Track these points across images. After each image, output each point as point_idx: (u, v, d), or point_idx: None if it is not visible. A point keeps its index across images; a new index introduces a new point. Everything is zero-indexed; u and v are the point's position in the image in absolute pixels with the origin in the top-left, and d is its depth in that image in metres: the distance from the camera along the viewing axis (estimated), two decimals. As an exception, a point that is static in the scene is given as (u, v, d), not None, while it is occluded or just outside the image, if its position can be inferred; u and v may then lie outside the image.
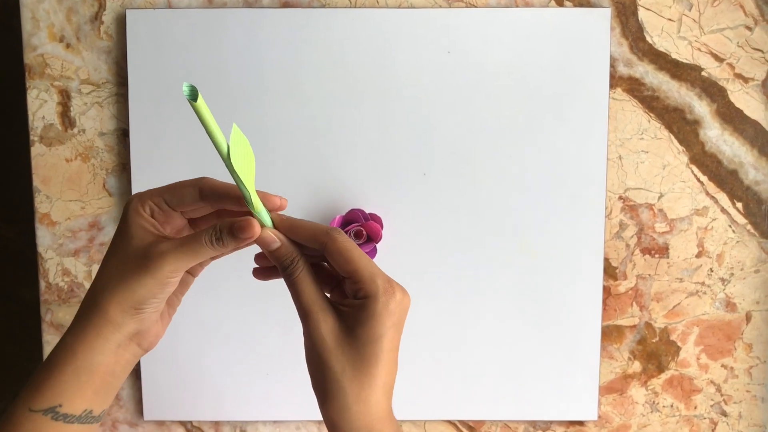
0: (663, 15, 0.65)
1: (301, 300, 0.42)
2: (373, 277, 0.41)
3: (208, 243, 0.42)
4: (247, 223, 0.41)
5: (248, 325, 0.67)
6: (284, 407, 0.68)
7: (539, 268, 0.66)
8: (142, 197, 0.43)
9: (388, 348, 0.41)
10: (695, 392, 0.69)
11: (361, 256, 0.42)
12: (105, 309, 0.42)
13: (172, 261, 0.41)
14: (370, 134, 0.65)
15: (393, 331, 0.41)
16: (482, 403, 0.68)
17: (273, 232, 0.42)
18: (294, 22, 0.64)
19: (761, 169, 0.66)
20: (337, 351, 0.41)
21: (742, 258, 0.67)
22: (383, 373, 0.41)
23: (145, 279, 0.42)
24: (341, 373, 0.41)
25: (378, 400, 0.42)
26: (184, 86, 0.37)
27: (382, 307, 0.41)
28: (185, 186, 0.43)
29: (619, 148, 0.66)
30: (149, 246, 0.42)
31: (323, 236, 0.42)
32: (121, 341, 0.43)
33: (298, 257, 0.43)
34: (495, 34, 0.64)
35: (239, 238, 0.41)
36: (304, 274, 0.42)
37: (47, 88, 0.65)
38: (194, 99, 0.36)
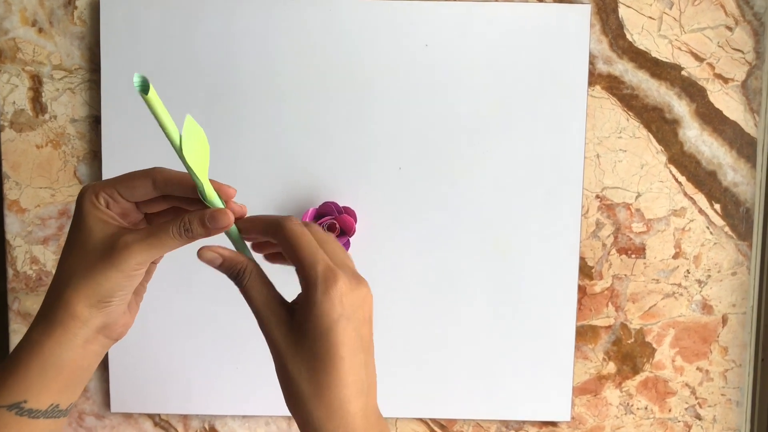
0: (643, 13, 0.64)
1: (253, 305, 0.41)
2: (313, 264, 0.39)
3: (176, 234, 0.41)
4: (220, 213, 0.41)
5: (218, 319, 0.66)
6: (254, 402, 0.67)
7: (514, 265, 0.65)
8: (95, 188, 0.42)
9: (340, 342, 0.38)
10: (670, 395, 0.68)
11: (308, 244, 0.40)
12: (70, 305, 0.41)
13: (138, 253, 0.41)
14: (345, 127, 0.64)
15: (344, 323, 0.38)
16: (454, 402, 0.67)
17: (213, 249, 0.42)
18: (271, 12, 0.63)
19: (740, 171, 0.65)
20: (291, 352, 0.39)
21: (720, 260, 0.66)
22: (344, 370, 0.39)
23: (111, 272, 0.41)
24: (298, 375, 0.39)
25: (341, 401, 0.39)
26: (135, 77, 0.36)
27: (321, 296, 0.38)
28: (137, 177, 0.42)
29: (597, 147, 0.65)
30: (112, 238, 0.41)
31: (275, 225, 0.41)
32: (89, 335, 0.42)
33: (243, 265, 0.42)
34: (473, 29, 0.64)
35: (210, 228, 0.41)
36: (253, 280, 0.41)
37: (18, 72, 0.64)
38: (145, 91, 0.35)
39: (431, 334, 0.66)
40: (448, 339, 0.66)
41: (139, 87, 0.35)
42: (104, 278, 0.41)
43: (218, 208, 0.41)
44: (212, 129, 0.64)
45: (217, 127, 0.64)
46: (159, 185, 0.42)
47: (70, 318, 0.41)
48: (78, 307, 0.41)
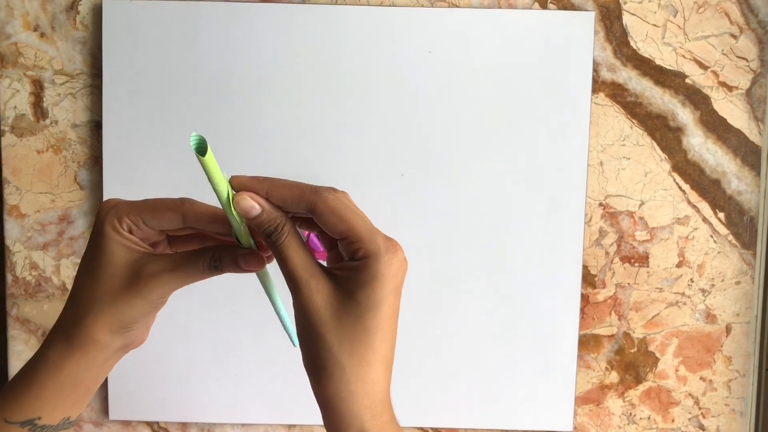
0: (648, 20, 0.64)
1: (290, 267, 0.37)
2: (373, 236, 0.37)
3: (205, 269, 0.40)
4: (253, 257, 0.39)
5: (218, 327, 0.65)
6: (253, 410, 0.66)
7: (517, 273, 0.65)
8: (119, 213, 0.40)
9: (389, 315, 0.37)
10: (673, 405, 0.67)
11: (356, 214, 0.37)
12: (92, 331, 0.40)
13: (166, 283, 0.40)
14: (347, 133, 0.64)
15: (394, 296, 0.37)
16: (456, 411, 0.67)
17: (252, 197, 0.38)
18: (274, 18, 0.63)
19: (744, 179, 0.65)
20: (334, 321, 0.37)
21: (723, 269, 0.66)
22: (384, 346, 0.37)
23: (135, 300, 0.40)
24: (338, 347, 0.37)
25: (378, 378, 0.37)
26: (192, 137, 0.35)
27: (385, 267, 0.36)
28: (166, 209, 0.40)
29: (601, 154, 0.65)
30: (136, 264, 0.40)
31: (311, 194, 0.37)
32: (109, 356, 0.42)
33: (283, 221, 0.38)
34: (477, 35, 0.63)
35: (242, 269, 0.39)
36: (291, 239, 0.38)
37: (20, 77, 0.64)
38: (203, 153, 0.35)
39: (433, 341, 0.66)
40: (449, 347, 0.66)
41: (195, 148, 0.35)
42: (128, 307, 0.40)
43: (254, 251, 0.40)
44: (212, 134, 0.63)
45: (217, 133, 0.64)
46: (189, 220, 0.40)
47: (92, 343, 0.40)
48: (100, 333, 0.40)
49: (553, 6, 0.64)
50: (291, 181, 0.38)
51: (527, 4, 0.64)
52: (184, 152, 0.63)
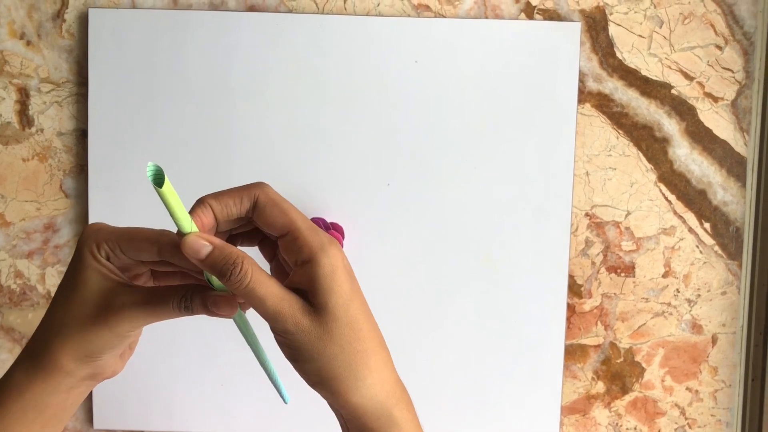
0: (633, 31, 0.64)
1: (268, 307, 0.36)
2: (315, 231, 0.37)
3: (175, 309, 0.39)
4: (224, 301, 0.38)
5: (203, 335, 0.65)
6: (239, 419, 0.66)
7: (503, 283, 0.65)
8: (98, 238, 0.39)
9: (360, 303, 0.38)
10: (659, 415, 0.67)
11: (295, 210, 0.37)
12: (57, 356, 0.39)
13: (133, 319, 0.39)
14: (334, 142, 0.64)
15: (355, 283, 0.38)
16: (442, 420, 0.66)
17: (197, 236, 0.36)
18: (260, 27, 0.63)
19: (730, 190, 0.65)
20: (327, 336, 0.36)
21: (709, 279, 0.66)
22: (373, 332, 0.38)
23: (103, 331, 0.39)
24: (341, 353, 0.37)
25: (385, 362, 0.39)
26: (149, 167, 0.33)
27: (335, 262, 0.36)
28: (144, 240, 0.39)
29: (587, 164, 0.65)
30: (107, 295, 0.39)
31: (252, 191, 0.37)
32: (74, 383, 0.40)
33: (240, 256, 0.36)
34: (463, 46, 0.63)
35: (212, 313, 0.38)
36: (258, 276, 0.36)
37: (5, 85, 0.64)
38: (159, 184, 0.33)
39: (419, 351, 0.66)
40: (435, 357, 0.66)
41: (152, 179, 0.33)
42: (95, 336, 0.39)
43: (225, 295, 0.38)
44: (200, 143, 0.63)
45: (205, 142, 0.64)
46: (164, 254, 0.39)
47: (56, 369, 0.39)
48: (64, 359, 0.39)
49: (539, 16, 0.64)
50: (227, 189, 0.38)
51: (513, 14, 0.64)
52: (169, 161, 0.63)
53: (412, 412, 0.40)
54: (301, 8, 0.64)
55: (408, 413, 0.40)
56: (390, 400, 0.39)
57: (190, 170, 0.64)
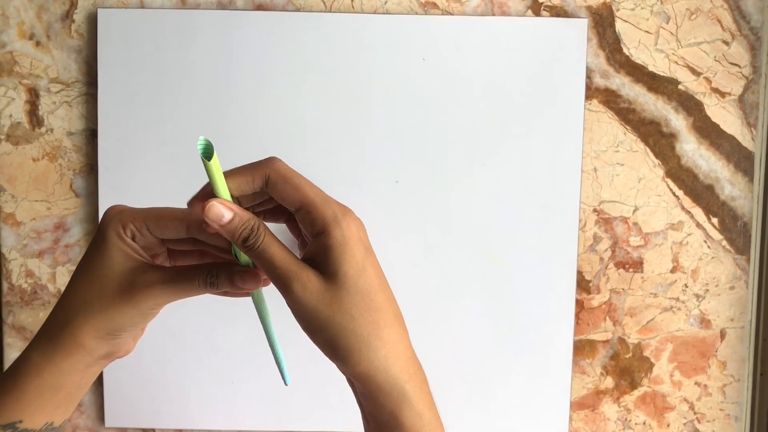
0: (640, 27, 0.64)
1: (276, 266, 0.37)
2: (327, 202, 0.37)
3: (201, 286, 0.40)
4: (250, 276, 0.39)
5: (213, 332, 0.65)
6: (249, 416, 0.66)
7: (511, 279, 0.65)
8: (124, 219, 0.40)
9: (375, 274, 0.38)
10: (668, 410, 0.67)
11: (308, 184, 0.38)
12: (78, 335, 0.40)
13: (159, 295, 0.40)
14: (342, 140, 0.64)
15: (369, 255, 0.38)
16: (451, 416, 0.67)
17: (222, 203, 0.37)
18: (267, 25, 0.63)
19: (737, 185, 0.65)
20: (336, 304, 0.37)
21: (717, 274, 0.66)
22: (387, 303, 0.38)
23: (127, 309, 0.40)
24: (352, 323, 0.37)
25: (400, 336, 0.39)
26: (200, 141, 0.35)
27: (347, 231, 0.37)
28: (172, 219, 0.40)
29: (594, 160, 0.65)
30: (132, 274, 0.40)
31: (263, 168, 0.38)
32: (92, 362, 0.41)
33: (256, 222, 0.37)
34: (471, 43, 0.64)
35: (237, 288, 0.39)
36: (269, 239, 0.37)
37: (15, 86, 0.64)
38: (208, 158, 0.35)
39: (427, 347, 0.66)
40: (444, 353, 0.66)
41: (202, 152, 0.35)
42: (119, 314, 0.40)
43: (250, 270, 0.40)
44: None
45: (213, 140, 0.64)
46: (192, 231, 0.40)
47: (76, 347, 0.40)
48: (85, 337, 0.40)
49: (546, 13, 0.64)
50: (239, 167, 0.39)
51: (520, 11, 0.64)
52: (179, 160, 0.64)
53: (426, 391, 0.40)
54: (309, 7, 0.64)
55: (421, 391, 0.39)
56: (403, 375, 0.38)
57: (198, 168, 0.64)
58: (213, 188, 0.37)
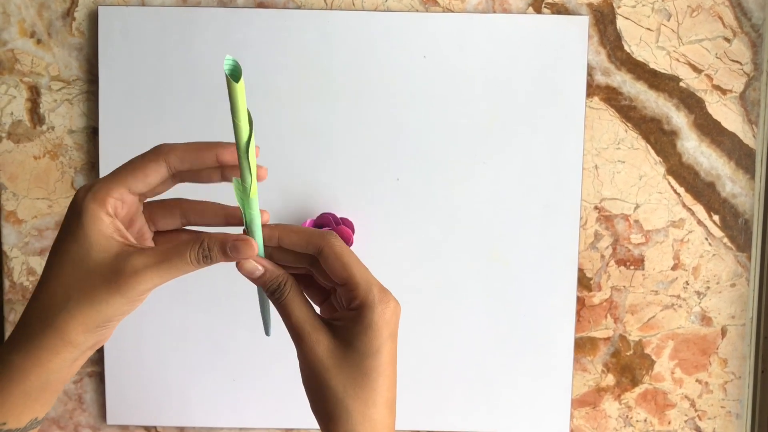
0: (641, 24, 0.64)
1: (292, 322, 0.40)
2: (369, 285, 0.39)
3: (193, 260, 0.38)
4: (244, 243, 0.38)
5: (215, 330, 0.65)
6: (251, 414, 0.67)
7: (512, 277, 0.65)
8: (99, 193, 0.37)
9: (387, 360, 0.40)
10: (669, 407, 0.68)
11: (356, 262, 0.40)
12: (64, 331, 0.37)
13: (149, 279, 0.37)
14: (343, 138, 0.64)
15: (391, 342, 0.40)
16: (452, 414, 0.67)
17: (256, 260, 0.39)
18: (268, 23, 0.63)
19: (738, 182, 0.65)
20: (336, 369, 0.39)
21: (719, 271, 0.66)
22: (385, 387, 0.40)
23: (114, 299, 0.37)
24: (343, 393, 0.39)
25: (382, 417, 0.40)
26: (227, 60, 0.34)
27: (378, 317, 0.39)
28: (146, 162, 0.38)
29: (595, 158, 0.65)
30: (117, 260, 0.37)
31: (319, 239, 0.39)
32: (78, 356, 0.39)
33: (285, 279, 0.40)
34: (472, 40, 0.64)
35: (233, 258, 0.38)
36: (293, 295, 0.40)
37: (16, 83, 0.64)
38: (236, 79, 0.34)
39: (429, 345, 0.66)
40: (445, 350, 0.66)
41: (229, 72, 0.34)
42: (106, 305, 0.37)
43: (242, 237, 0.38)
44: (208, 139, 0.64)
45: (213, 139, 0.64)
46: (173, 163, 0.38)
47: (63, 344, 0.38)
48: (73, 333, 0.37)
49: (547, 10, 0.64)
50: (300, 227, 0.41)
51: (521, 8, 0.64)
52: (180, 158, 0.64)
53: None
54: (310, 4, 0.64)
55: None
56: None
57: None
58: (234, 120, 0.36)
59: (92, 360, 0.67)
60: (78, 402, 0.67)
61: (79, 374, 0.67)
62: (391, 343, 0.40)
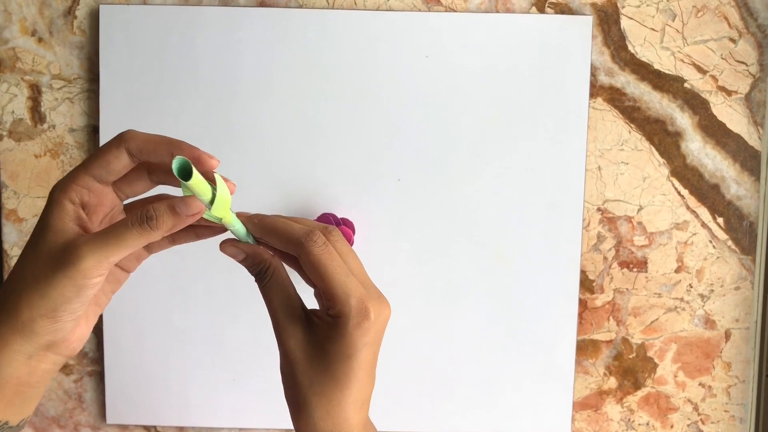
0: (646, 24, 0.64)
1: (271, 309, 0.41)
2: (346, 298, 0.38)
3: (135, 225, 0.35)
4: (190, 200, 0.36)
5: (215, 330, 0.65)
6: (250, 414, 0.66)
7: (514, 279, 0.65)
8: (65, 183, 0.37)
9: (360, 366, 0.39)
10: (672, 411, 0.67)
11: (336, 271, 0.39)
12: (12, 316, 0.36)
13: (90, 254, 0.35)
14: (344, 137, 0.64)
15: (367, 349, 0.40)
16: (453, 416, 0.66)
17: (234, 245, 0.40)
18: (270, 22, 0.63)
19: (743, 184, 0.65)
20: (305, 365, 0.40)
21: (722, 274, 0.66)
22: (355, 389, 0.40)
23: (59, 279, 0.35)
24: (308, 388, 0.40)
25: (347, 416, 0.40)
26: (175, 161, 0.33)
27: (353, 328, 0.38)
28: (108, 150, 0.37)
29: (599, 159, 0.65)
30: (67, 243, 0.36)
31: (296, 246, 0.39)
32: (33, 352, 0.38)
33: (267, 264, 0.40)
34: (474, 40, 0.63)
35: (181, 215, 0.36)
36: (273, 282, 0.40)
37: (17, 82, 0.64)
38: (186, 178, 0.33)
39: (430, 347, 0.66)
40: (447, 352, 0.65)
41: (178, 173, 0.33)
42: (51, 287, 0.36)
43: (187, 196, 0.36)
44: (210, 139, 0.64)
45: (214, 138, 0.64)
46: (134, 150, 0.37)
47: (13, 331, 0.37)
48: (23, 317, 0.36)
49: (550, 10, 0.63)
50: (282, 226, 0.40)
51: (524, 8, 0.63)
52: (181, 157, 0.63)
53: None
54: (311, 3, 0.64)
55: None
56: None
57: (201, 166, 0.64)
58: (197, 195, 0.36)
59: (92, 359, 0.67)
60: (78, 401, 0.67)
61: (78, 373, 0.67)
62: (367, 350, 0.39)
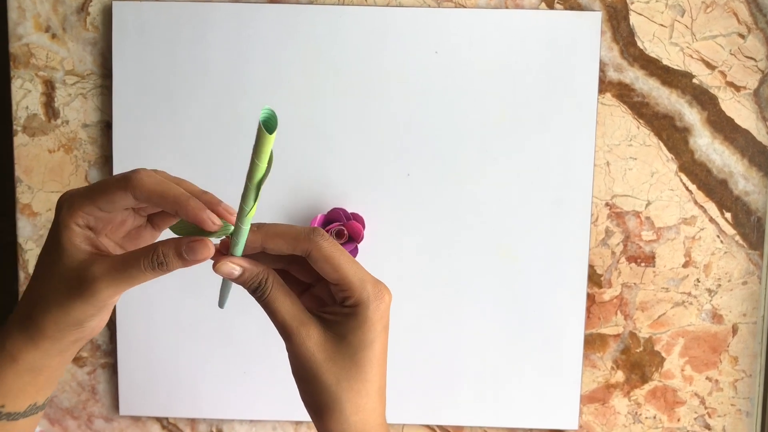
0: (655, 20, 0.64)
1: (278, 319, 0.40)
2: (363, 284, 0.40)
3: (147, 268, 0.38)
4: (199, 244, 0.38)
5: (226, 323, 0.66)
6: (261, 406, 0.67)
7: (523, 273, 0.65)
8: (73, 207, 0.40)
9: (381, 351, 0.41)
10: (679, 404, 0.67)
11: (347, 262, 0.40)
12: (41, 327, 0.40)
13: (106, 287, 0.39)
14: (354, 133, 0.64)
15: (384, 333, 0.41)
16: (462, 409, 0.67)
17: (232, 261, 0.40)
18: (281, 18, 0.63)
19: (751, 180, 0.65)
20: (328, 363, 0.40)
21: (730, 269, 0.66)
22: (377, 377, 0.41)
23: (78, 304, 0.39)
24: (336, 385, 0.40)
25: (374, 406, 0.41)
26: (264, 110, 0.34)
27: (373, 312, 0.40)
28: (114, 189, 0.39)
29: (607, 154, 0.65)
30: (81, 268, 0.39)
31: (306, 243, 0.39)
32: (63, 348, 0.42)
33: (265, 275, 0.40)
34: (483, 36, 0.63)
35: (189, 261, 0.38)
36: (276, 292, 0.40)
37: (32, 77, 0.65)
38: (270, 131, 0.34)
39: (439, 340, 0.66)
40: (455, 346, 0.66)
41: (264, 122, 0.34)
42: (73, 310, 0.39)
43: (196, 238, 0.38)
44: (221, 135, 0.64)
45: (225, 133, 0.64)
46: (139, 197, 0.39)
47: (42, 338, 0.40)
48: (49, 330, 0.40)
49: (559, 6, 0.64)
50: (285, 229, 0.40)
51: (534, 4, 0.64)
52: (193, 152, 0.64)
53: None
54: (322, 0, 0.64)
55: None
56: None
57: (211, 161, 0.64)
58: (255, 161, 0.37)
59: (105, 351, 0.67)
60: (91, 393, 0.68)
61: (92, 365, 0.68)
62: (384, 334, 0.41)
